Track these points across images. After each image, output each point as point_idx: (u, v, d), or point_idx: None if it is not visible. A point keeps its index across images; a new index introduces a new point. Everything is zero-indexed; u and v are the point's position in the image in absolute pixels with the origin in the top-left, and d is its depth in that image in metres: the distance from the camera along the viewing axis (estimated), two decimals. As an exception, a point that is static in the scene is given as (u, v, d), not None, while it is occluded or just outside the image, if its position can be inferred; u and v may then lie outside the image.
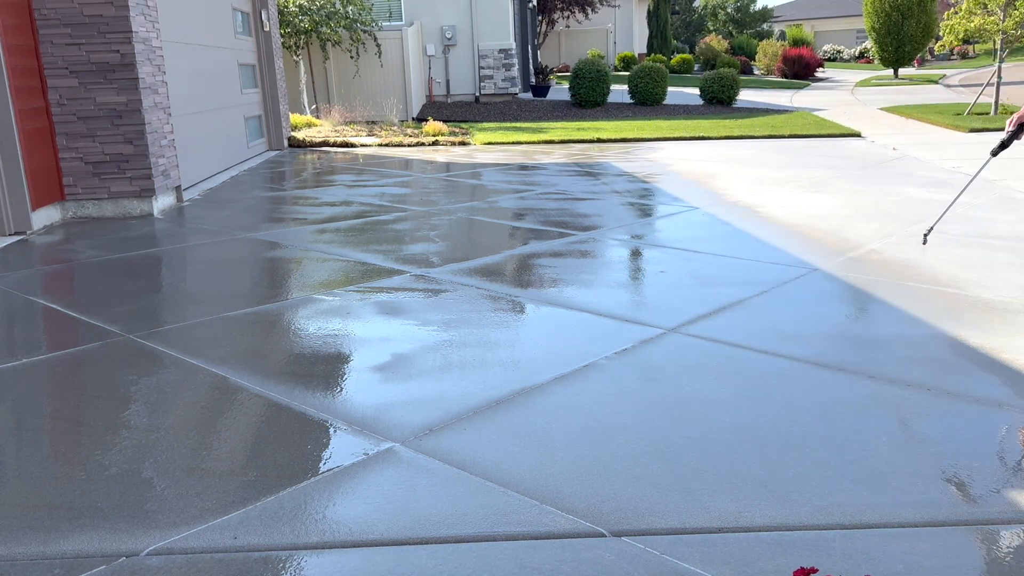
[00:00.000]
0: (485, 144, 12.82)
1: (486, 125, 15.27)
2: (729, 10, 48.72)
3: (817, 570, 1.62)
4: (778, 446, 2.76)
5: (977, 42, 14.46)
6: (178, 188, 7.84)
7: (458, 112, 16.98)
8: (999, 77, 14.04)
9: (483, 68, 18.23)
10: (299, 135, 13.09)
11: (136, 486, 2.55)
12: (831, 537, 2.22)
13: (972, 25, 13.76)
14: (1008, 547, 2.16)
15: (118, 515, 2.38)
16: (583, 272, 5.16)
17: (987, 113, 13.80)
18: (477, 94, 18.39)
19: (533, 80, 21.06)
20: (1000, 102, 13.93)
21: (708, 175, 9.03)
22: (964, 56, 35.51)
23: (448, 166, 10.55)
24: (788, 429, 2.88)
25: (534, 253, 5.68)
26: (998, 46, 13.94)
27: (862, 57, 41.05)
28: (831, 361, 3.51)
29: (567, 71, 25.20)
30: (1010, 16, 13.38)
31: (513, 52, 18.36)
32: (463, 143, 12.96)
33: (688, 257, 5.48)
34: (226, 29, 10.27)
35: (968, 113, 14.07)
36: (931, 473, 2.55)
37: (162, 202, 7.46)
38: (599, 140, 12.82)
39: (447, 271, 5.12)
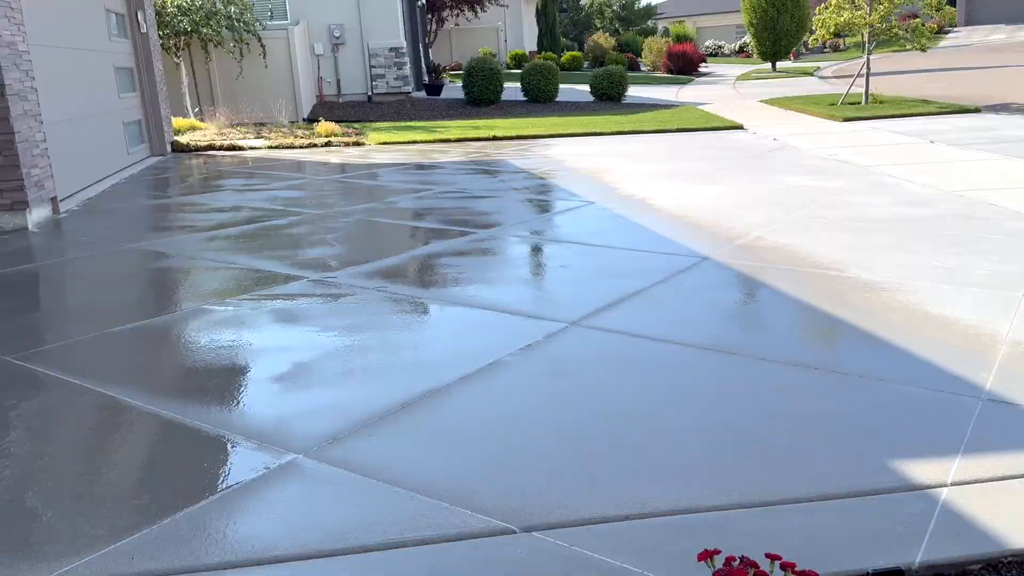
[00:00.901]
0: (380, 144, 12.67)
1: (380, 125, 15.09)
2: (615, 8, 49.78)
3: (720, 551, 1.67)
4: (679, 431, 2.83)
5: (847, 35, 15.24)
6: (54, 199, 7.41)
7: (351, 112, 16.71)
8: (868, 68, 14.87)
9: (374, 67, 18.01)
10: (183, 139, 12.58)
11: (19, 518, 2.39)
12: (733, 517, 2.29)
13: (842, 19, 14.51)
14: (899, 514, 2.28)
15: (-1, 551, 2.22)
16: (486, 270, 5.16)
17: (859, 103, 14.59)
18: (369, 93, 18.15)
19: (426, 79, 20.95)
20: (870, 92, 14.75)
21: (602, 170, 9.20)
22: (836, 49, 37.41)
23: (343, 167, 10.37)
24: (688, 414, 2.97)
25: (435, 253, 5.65)
26: (866, 39, 14.76)
27: (742, 52, 42.67)
28: (725, 346, 3.63)
29: (459, 69, 25.19)
30: (875, 11, 14.19)
31: (404, 50, 18.21)
32: (357, 143, 12.76)
33: (587, 251, 5.57)
34: (99, 31, 9.76)
35: (841, 103, 14.84)
36: (823, 448, 2.67)
37: (37, 215, 7.03)
38: (495, 138, 12.87)
39: (346, 275, 5.03)
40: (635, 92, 20.22)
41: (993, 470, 2.46)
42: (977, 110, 13.11)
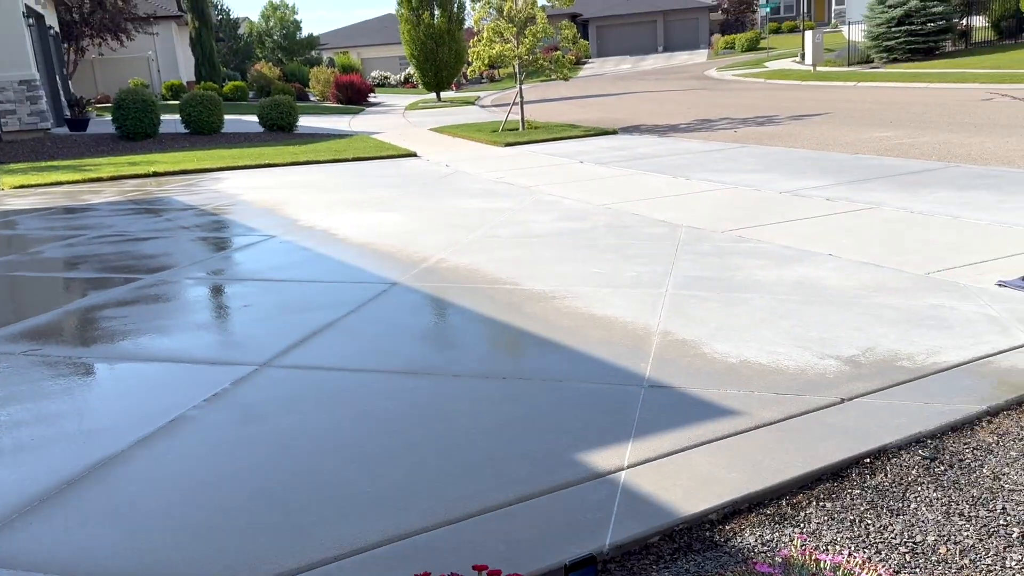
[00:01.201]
0: (16, 188, 11.11)
1: (15, 166, 13.25)
2: (276, 38, 48.92)
3: (429, 573, 1.68)
4: (381, 459, 2.82)
5: (501, 67, 16.43)
6: None
7: (-25, 153, 14.46)
8: (521, 97, 16.18)
9: (2, 102, 15.82)
10: None
11: None
12: (439, 535, 2.33)
13: (494, 52, 15.63)
14: (587, 503, 2.47)
15: None
16: (158, 318, 4.74)
17: (516, 129, 15.80)
18: (-2, 131, 15.88)
19: (67, 113, 18.82)
20: (525, 118, 16.05)
21: (280, 202, 8.94)
22: (492, 79, 40.28)
23: (-31, 217, 8.92)
24: (388, 440, 2.97)
25: (96, 305, 5.07)
26: (517, 70, 16.06)
27: (408, 82, 44.22)
28: (419, 367, 3.70)
29: (108, 102, 23.00)
30: (522, 44, 15.49)
31: (38, 83, 16.22)
32: (-14, 189, 11.07)
33: (271, 287, 5.36)
34: None
35: (502, 129, 15.97)
36: (516, 452, 2.82)
37: None
38: (156, 174, 11.92)
39: (-17, 341, 4.32)
40: (307, 122, 19.99)
41: (660, 448, 2.78)
42: (615, 132, 14.88)
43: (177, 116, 17.60)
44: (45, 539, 2.39)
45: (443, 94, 30.92)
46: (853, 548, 2.22)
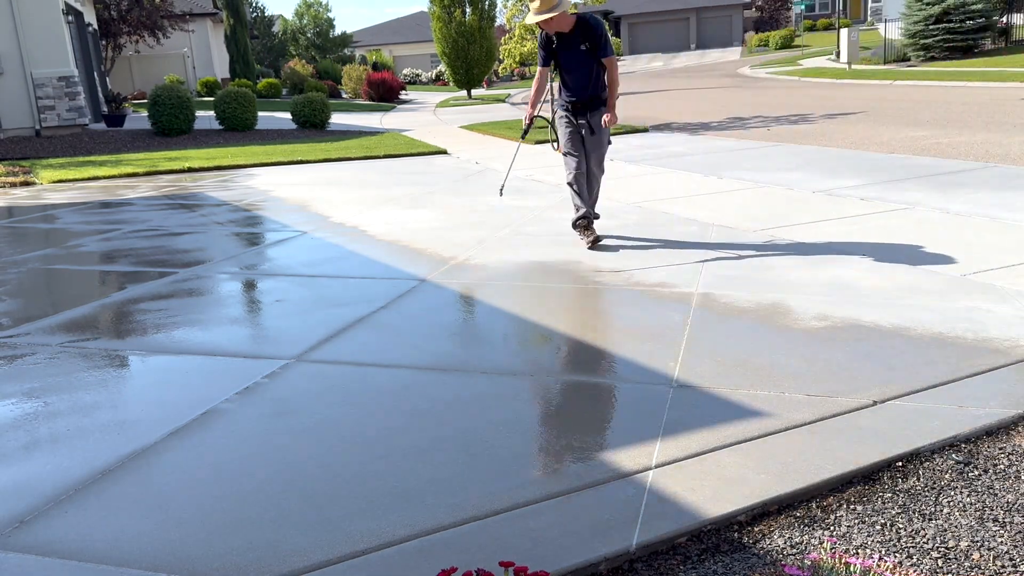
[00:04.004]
0: (55, 183, 11.33)
1: (54, 161, 13.51)
2: (309, 35, 49.35)
3: (456, 568, 1.69)
4: (410, 455, 2.84)
5: (532, 64, 16.43)
6: None
7: (16, 148, 14.78)
8: (552, 94, 16.17)
9: (42, 98, 16.12)
10: None
11: None
12: (466, 531, 2.34)
13: (525, 49, 15.66)
14: (614, 499, 2.47)
15: None
16: (193, 312, 4.81)
17: (547, 126, 15.79)
18: (38, 127, 16.21)
19: (105, 109, 19.14)
20: (555, 116, 16.05)
21: (312, 199, 9.02)
22: (523, 77, 40.25)
23: (10, 211, 9.12)
24: (417, 436, 2.98)
25: (132, 299, 5.16)
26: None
27: (439, 80, 44.34)
28: (448, 364, 3.71)
29: (144, 98, 23.36)
30: (553, 42, 15.48)
31: (76, 79, 16.51)
32: (26, 183, 11.31)
33: (303, 282, 5.41)
34: None
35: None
36: (544, 450, 2.82)
37: None
38: (191, 170, 12.09)
39: (22, 332, 4.41)
40: (339, 119, 20.14)
41: (688, 448, 2.76)
42: (646, 130, 14.79)
43: (212, 112, 17.82)
44: (80, 529, 2.44)
45: (474, 92, 30.95)
46: (884, 552, 2.20)
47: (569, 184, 5.91)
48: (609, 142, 5.99)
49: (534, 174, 9.99)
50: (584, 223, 5.86)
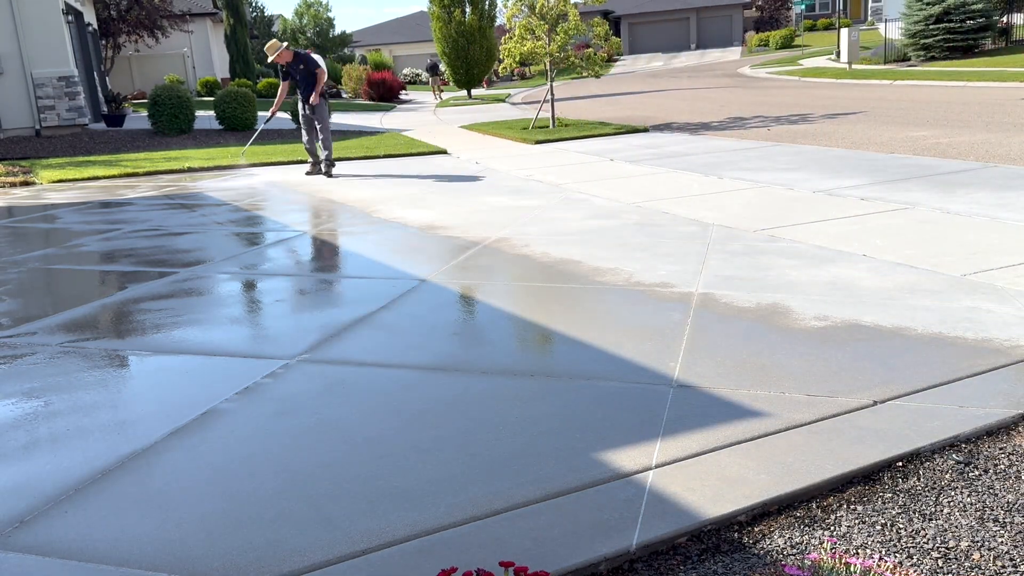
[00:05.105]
0: (55, 182, 11.33)
1: (54, 161, 13.50)
2: (309, 35, 49.35)
3: (456, 568, 1.69)
4: (409, 453, 2.83)
5: (532, 64, 16.42)
6: None
7: (15, 148, 14.78)
8: (552, 94, 16.15)
9: (42, 98, 16.12)
10: None
11: None
12: (466, 531, 2.34)
13: (525, 48, 15.61)
14: (614, 499, 2.47)
15: None
16: (193, 312, 4.81)
17: (547, 126, 15.78)
18: (38, 127, 16.21)
19: (105, 109, 19.13)
20: (556, 116, 16.03)
21: (312, 199, 9.01)
22: (523, 77, 40.23)
23: (10, 211, 9.12)
24: (417, 436, 2.98)
25: (132, 299, 5.16)
26: (548, 67, 16.03)
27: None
28: (448, 364, 3.71)
29: (144, 98, 23.35)
30: (554, 41, 15.46)
31: (76, 79, 16.51)
32: (26, 183, 11.31)
33: (304, 281, 5.41)
34: None
35: (532, 127, 15.96)
36: (543, 450, 2.82)
37: None
38: (190, 169, 12.09)
39: (22, 332, 4.41)
40: (339, 119, 20.12)
41: (688, 448, 2.76)
42: (646, 130, 14.79)
43: (212, 112, 17.82)
44: (80, 529, 2.44)
45: (474, 91, 30.95)
46: (884, 552, 2.20)
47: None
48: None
49: (535, 174, 9.99)
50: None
